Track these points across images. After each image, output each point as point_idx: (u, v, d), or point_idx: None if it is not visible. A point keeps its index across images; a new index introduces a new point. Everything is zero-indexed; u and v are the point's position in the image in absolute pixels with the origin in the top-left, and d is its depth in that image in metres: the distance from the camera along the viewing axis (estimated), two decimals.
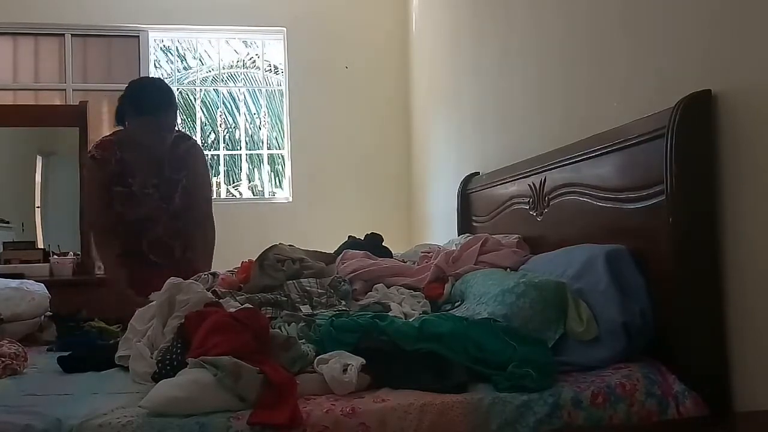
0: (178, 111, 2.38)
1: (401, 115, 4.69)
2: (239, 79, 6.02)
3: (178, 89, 5.59)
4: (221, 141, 5.67)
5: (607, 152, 1.74)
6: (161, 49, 5.19)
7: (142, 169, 2.37)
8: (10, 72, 4.50)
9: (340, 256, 2.23)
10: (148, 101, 2.28)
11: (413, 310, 1.77)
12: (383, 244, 2.49)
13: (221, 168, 6.06)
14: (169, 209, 2.42)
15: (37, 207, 4.37)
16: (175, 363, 1.40)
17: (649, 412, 1.33)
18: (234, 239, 2.83)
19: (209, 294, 1.77)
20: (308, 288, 1.86)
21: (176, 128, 2.40)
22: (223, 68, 5.22)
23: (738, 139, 1.35)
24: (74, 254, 4.20)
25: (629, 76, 1.76)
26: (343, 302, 1.86)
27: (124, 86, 4.83)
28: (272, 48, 5.03)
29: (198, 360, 1.29)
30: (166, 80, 2.61)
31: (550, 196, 2.12)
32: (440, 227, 3.77)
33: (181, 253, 2.48)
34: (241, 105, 5.59)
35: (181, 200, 2.44)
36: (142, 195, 2.37)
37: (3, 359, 1.60)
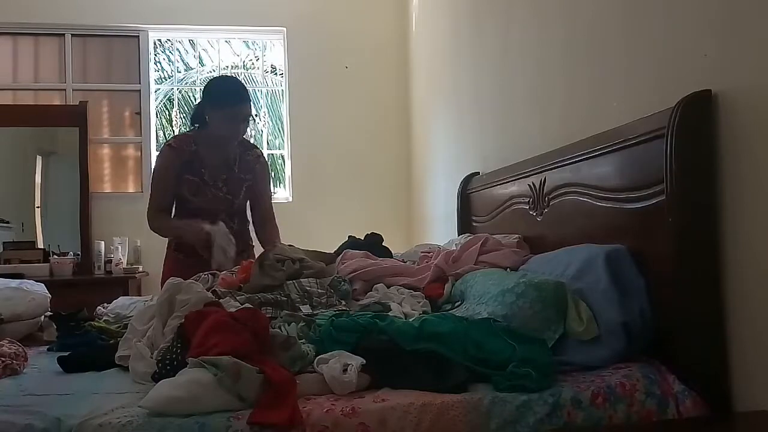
0: (253, 106, 2.55)
1: (401, 115, 4.69)
2: (239, 79, 6.03)
3: (178, 89, 5.61)
4: None
5: (607, 152, 1.74)
6: (161, 48, 5.18)
7: (214, 163, 2.53)
8: (10, 72, 4.51)
9: (340, 256, 2.23)
10: (226, 93, 2.47)
11: (413, 309, 1.77)
12: (383, 244, 2.49)
13: None
14: (233, 204, 2.58)
15: (37, 207, 4.38)
16: (175, 363, 1.40)
17: (648, 412, 1.33)
18: None
19: (209, 294, 1.77)
20: (308, 288, 1.86)
21: (250, 125, 2.57)
22: (223, 68, 5.22)
23: (738, 139, 1.35)
24: (74, 254, 4.21)
25: (629, 76, 1.76)
26: (343, 302, 1.86)
27: (124, 86, 4.86)
28: (272, 48, 5.03)
29: (198, 360, 1.29)
30: (166, 81, 2.72)
31: (550, 196, 2.12)
32: (440, 227, 3.77)
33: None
34: None
35: (244, 199, 2.63)
36: (211, 186, 2.52)
37: (3, 359, 1.59)
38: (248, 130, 2.58)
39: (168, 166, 2.50)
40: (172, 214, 2.58)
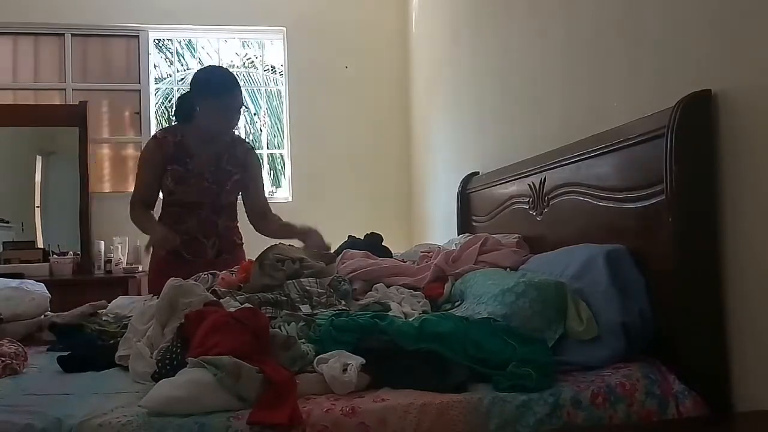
0: (242, 97, 2.47)
1: (401, 115, 4.69)
2: (239, 79, 6.02)
3: (177, 89, 5.61)
4: None
5: (607, 152, 1.74)
6: (160, 48, 5.18)
7: (201, 154, 2.46)
8: (10, 72, 4.51)
9: (340, 255, 2.23)
10: (217, 83, 2.40)
11: (413, 309, 1.77)
12: (383, 243, 2.49)
13: None
14: (219, 197, 2.48)
15: (37, 207, 4.38)
16: (175, 362, 1.40)
17: (649, 411, 1.33)
18: None
19: (209, 294, 1.77)
20: (308, 288, 1.86)
21: (240, 118, 2.50)
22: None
23: (738, 139, 1.35)
24: (74, 254, 4.21)
25: (629, 76, 1.76)
26: (343, 302, 1.86)
27: (123, 86, 4.86)
28: (272, 48, 5.03)
29: (198, 360, 1.29)
30: (165, 80, 2.66)
31: (550, 196, 2.12)
32: (440, 227, 3.77)
33: (213, 254, 2.49)
34: None
35: (232, 193, 2.54)
36: (196, 175, 2.45)
37: (3, 359, 1.59)
38: (239, 121, 2.51)
39: (150, 158, 2.46)
40: (158, 207, 2.52)
